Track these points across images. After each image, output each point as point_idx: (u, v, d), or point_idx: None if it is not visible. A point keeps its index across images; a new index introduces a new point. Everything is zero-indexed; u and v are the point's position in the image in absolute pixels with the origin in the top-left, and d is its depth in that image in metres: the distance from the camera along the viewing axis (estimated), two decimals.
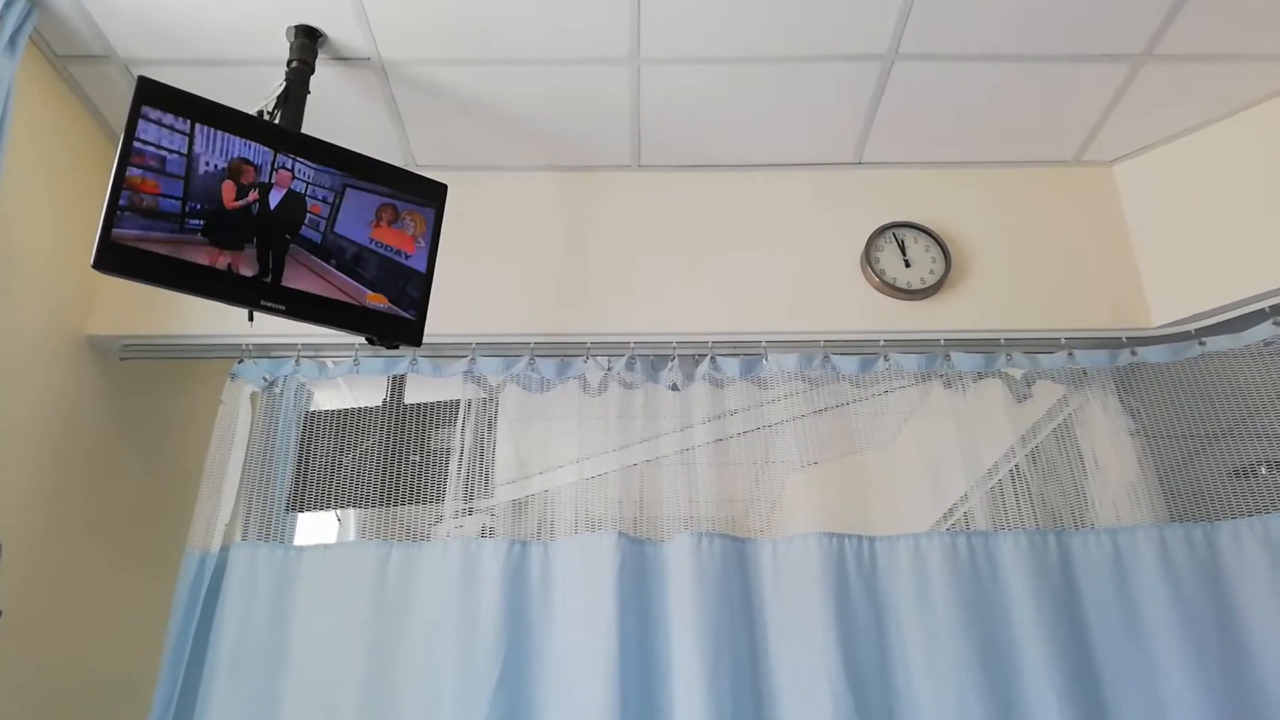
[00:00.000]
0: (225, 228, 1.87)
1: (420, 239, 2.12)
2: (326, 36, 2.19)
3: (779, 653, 2.01)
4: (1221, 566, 2.05)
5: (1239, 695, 1.91)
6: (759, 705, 1.97)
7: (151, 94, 1.84)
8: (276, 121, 2.07)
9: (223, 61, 2.25)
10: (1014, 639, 2.00)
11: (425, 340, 2.11)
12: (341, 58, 2.25)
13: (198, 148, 1.87)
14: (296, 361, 2.36)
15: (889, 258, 2.48)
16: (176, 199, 1.83)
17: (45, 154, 2.22)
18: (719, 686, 1.93)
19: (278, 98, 2.11)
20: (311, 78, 2.17)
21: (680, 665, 1.97)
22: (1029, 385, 2.35)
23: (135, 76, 1.89)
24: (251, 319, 2.01)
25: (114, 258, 1.77)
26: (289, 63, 2.15)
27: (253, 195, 1.92)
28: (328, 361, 2.40)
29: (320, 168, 2.02)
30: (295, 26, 2.15)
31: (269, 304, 1.93)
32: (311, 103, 2.16)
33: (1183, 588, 2.01)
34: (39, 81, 2.20)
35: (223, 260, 1.87)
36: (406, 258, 2.10)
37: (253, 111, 2.01)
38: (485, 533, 2.17)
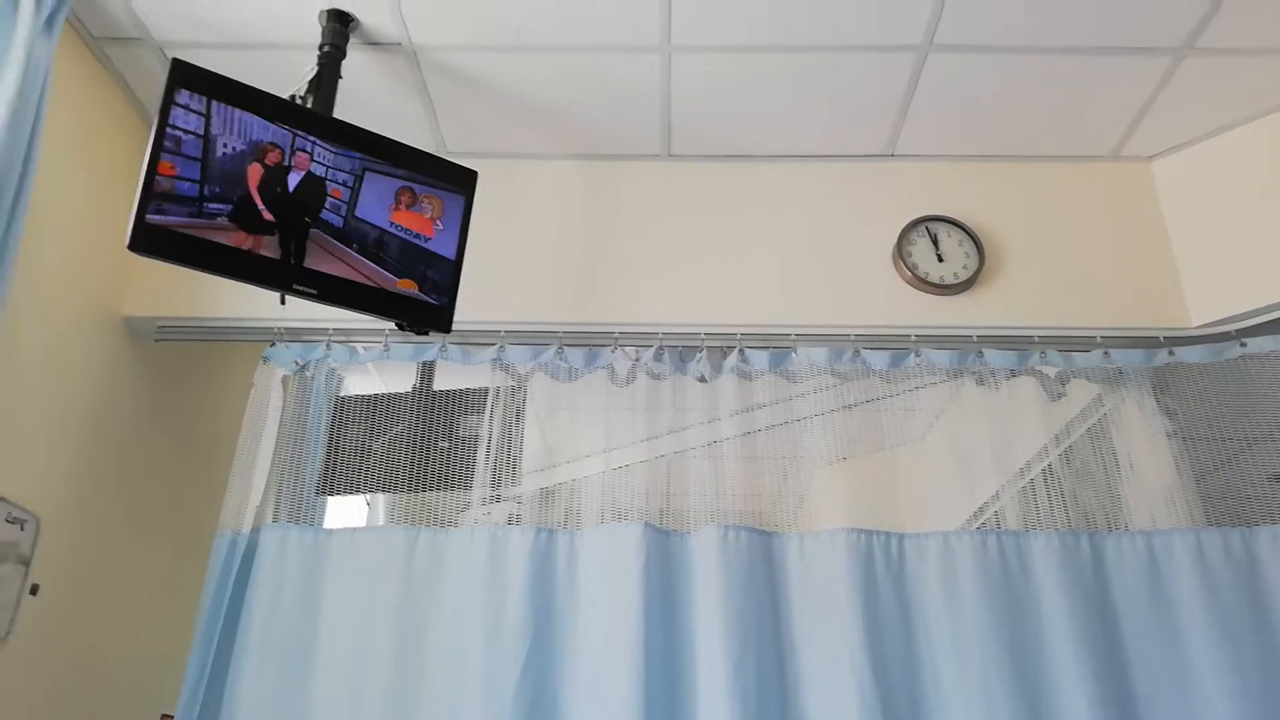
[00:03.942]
0: (249, 211, 1.87)
1: (439, 222, 2.11)
2: (358, 21, 2.18)
3: (805, 646, 2.01)
4: (1260, 573, 2.02)
5: (1276, 703, 1.88)
6: (784, 698, 1.97)
7: (185, 76, 1.85)
8: (309, 106, 2.07)
9: (256, 45, 2.25)
10: (1044, 640, 1.98)
11: (454, 327, 2.12)
12: (373, 43, 2.25)
13: (215, 129, 1.87)
14: (327, 346, 2.37)
15: (921, 251, 2.45)
16: (194, 181, 1.83)
17: (81, 136, 2.24)
18: (744, 678, 1.93)
19: (309, 82, 2.11)
20: (344, 63, 2.17)
21: (705, 656, 1.97)
22: (1063, 384, 2.32)
23: (169, 59, 1.89)
24: (284, 302, 2.02)
25: (148, 239, 1.78)
26: (321, 47, 2.15)
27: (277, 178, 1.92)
28: (358, 347, 2.40)
29: (340, 151, 2.01)
30: (327, 10, 2.15)
31: (301, 288, 1.94)
32: (344, 88, 2.16)
33: (1219, 593, 1.99)
34: (75, 63, 2.21)
35: (245, 242, 1.87)
36: (426, 241, 2.09)
37: (285, 96, 2.01)
38: (512, 520, 2.18)
